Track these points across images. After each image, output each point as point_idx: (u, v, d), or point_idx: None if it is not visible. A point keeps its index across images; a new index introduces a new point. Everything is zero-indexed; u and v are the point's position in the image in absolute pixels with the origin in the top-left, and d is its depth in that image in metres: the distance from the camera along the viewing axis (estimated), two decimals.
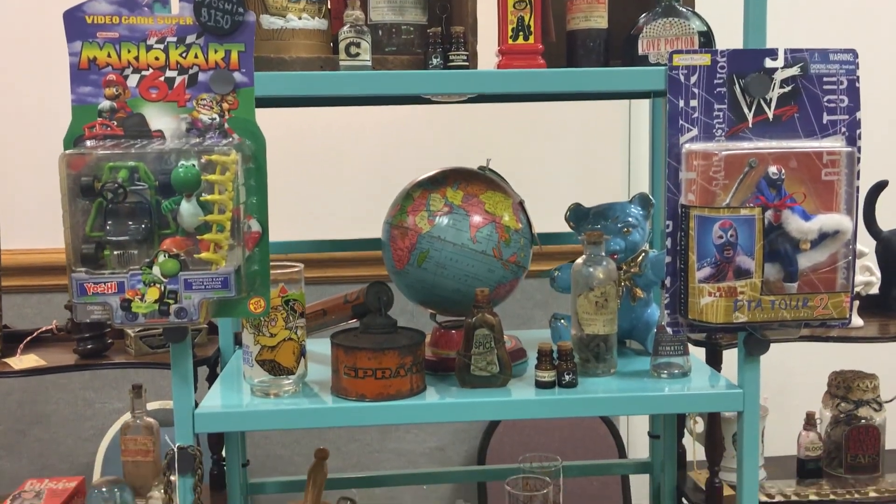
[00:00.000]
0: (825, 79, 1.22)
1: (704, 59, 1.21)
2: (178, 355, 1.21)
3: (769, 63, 1.21)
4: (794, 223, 1.18)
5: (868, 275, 1.67)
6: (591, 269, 1.35)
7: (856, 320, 1.61)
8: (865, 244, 1.65)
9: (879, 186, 1.70)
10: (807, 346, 1.72)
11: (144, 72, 1.15)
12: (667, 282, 1.23)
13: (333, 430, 2.36)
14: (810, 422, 1.71)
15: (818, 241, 1.19)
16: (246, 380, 1.32)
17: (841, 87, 1.23)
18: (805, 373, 1.99)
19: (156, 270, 1.11)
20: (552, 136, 2.32)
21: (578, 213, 1.51)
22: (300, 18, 1.25)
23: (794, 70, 1.21)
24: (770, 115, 1.22)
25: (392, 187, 1.44)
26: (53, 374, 2.23)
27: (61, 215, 1.12)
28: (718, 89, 1.21)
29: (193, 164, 1.11)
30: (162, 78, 1.16)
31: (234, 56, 1.16)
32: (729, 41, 1.28)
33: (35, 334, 1.66)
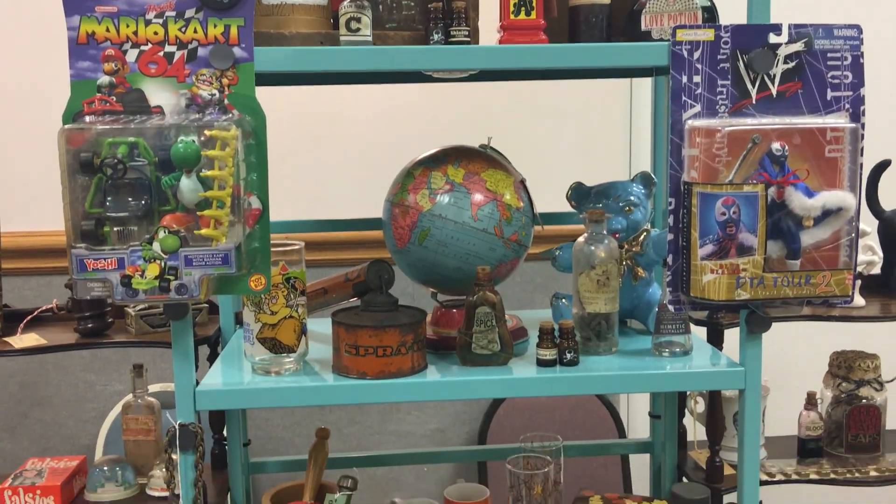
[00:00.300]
0: (829, 55, 1.21)
1: (708, 35, 1.20)
2: (179, 332, 1.21)
3: (773, 39, 1.20)
4: (798, 200, 1.18)
5: (870, 254, 1.67)
6: (593, 248, 1.35)
7: (857, 300, 1.61)
8: (867, 224, 1.64)
9: (882, 166, 1.69)
10: (808, 327, 1.72)
11: (143, 47, 1.14)
12: (669, 259, 1.23)
13: (334, 412, 2.37)
14: (811, 401, 1.71)
15: (821, 218, 1.19)
16: (247, 358, 1.31)
17: (845, 63, 1.22)
18: (806, 355, 1.99)
19: (156, 246, 1.11)
20: (554, 116, 2.31)
21: (580, 192, 1.50)
22: None
23: (798, 46, 1.20)
24: (774, 92, 1.21)
25: (393, 167, 1.43)
26: (54, 357, 2.26)
27: (61, 196, 1.11)
28: (722, 65, 1.20)
29: (193, 140, 1.10)
30: (161, 53, 1.15)
31: (234, 31, 1.15)
32: (732, 16, 1.27)
33: (35, 313, 1.65)
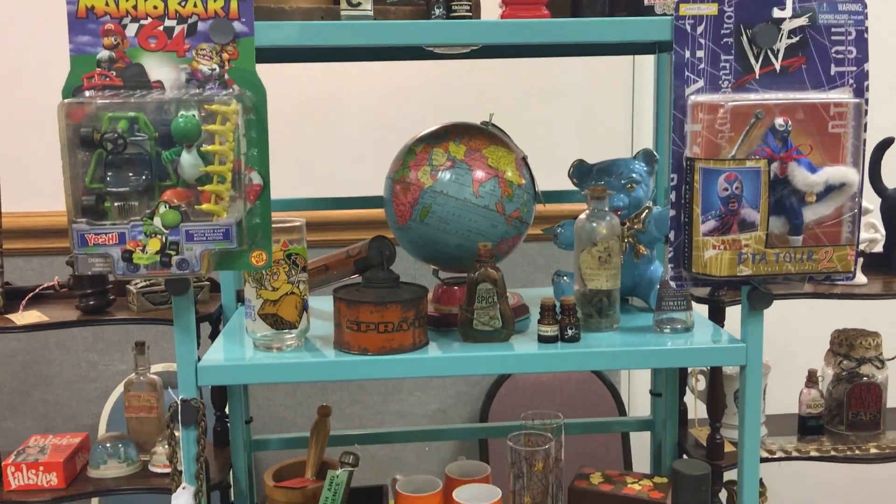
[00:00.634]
0: (833, 29, 1.20)
1: (711, 9, 1.19)
2: (181, 308, 1.21)
3: (777, 13, 1.19)
4: (800, 175, 1.17)
5: (873, 231, 1.66)
6: (595, 224, 1.34)
7: (859, 277, 1.61)
8: (870, 202, 1.63)
9: (885, 144, 1.69)
10: (810, 306, 1.72)
11: (143, 21, 1.14)
12: (671, 235, 1.23)
13: (336, 393, 2.38)
14: (812, 379, 1.71)
15: (824, 194, 1.18)
16: (248, 334, 1.32)
17: (849, 38, 1.21)
18: (807, 334, 1.99)
19: (157, 221, 1.11)
20: (556, 94, 2.30)
21: (582, 170, 1.50)
22: None
23: (802, 20, 1.19)
24: (777, 67, 1.21)
25: (394, 146, 1.43)
26: (57, 337, 2.27)
27: (62, 176, 1.11)
28: (725, 40, 1.19)
29: (194, 115, 1.10)
30: (161, 27, 1.14)
31: (234, 5, 1.14)
32: None
33: (37, 290, 1.65)
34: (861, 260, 1.64)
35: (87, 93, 1.13)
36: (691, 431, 1.72)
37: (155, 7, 1.14)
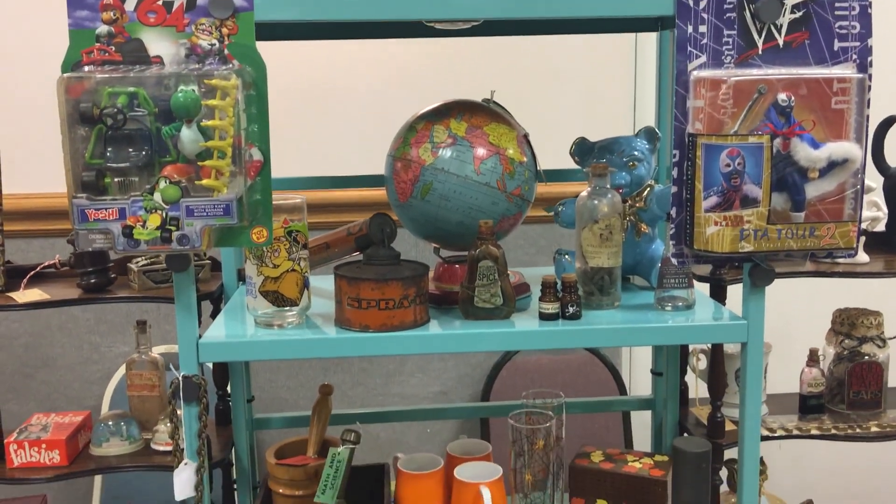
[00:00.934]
0: (837, 4, 1.19)
1: None
2: (182, 285, 1.21)
3: None
4: (803, 151, 1.17)
5: (875, 210, 1.66)
6: (596, 202, 1.34)
7: (861, 256, 1.60)
8: (873, 180, 1.63)
9: (888, 122, 1.68)
10: (811, 285, 1.72)
11: None
12: (672, 212, 1.22)
13: (338, 374, 2.38)
14: (813, 358, 1.71)
15: (826, 170, 1.18)
16: (249, 311, 1.32)
17: (853, 13, 1.20)
18: (808, 314, 1.99)
19: (157, 197, 1.10)
20: (558, 72, 2.29)
21: (583, 148, 1.49)
22: None
23: None
24: (780, 42, 1.20)
25: (394, 125, 1.42)
26: (59, 318, 2.27)
27: (62, 156, 1.10)
28: (728, 15, 1.18)
29: (193, 89, 1.09)
30: (160, 2, 1.13)
31: None
32: None
33: (38, 269, 1.65)
34: (863, 238, 1.63)
35: (87, 68, 1.13)
36: (692, 410, 1.72)
37: None
